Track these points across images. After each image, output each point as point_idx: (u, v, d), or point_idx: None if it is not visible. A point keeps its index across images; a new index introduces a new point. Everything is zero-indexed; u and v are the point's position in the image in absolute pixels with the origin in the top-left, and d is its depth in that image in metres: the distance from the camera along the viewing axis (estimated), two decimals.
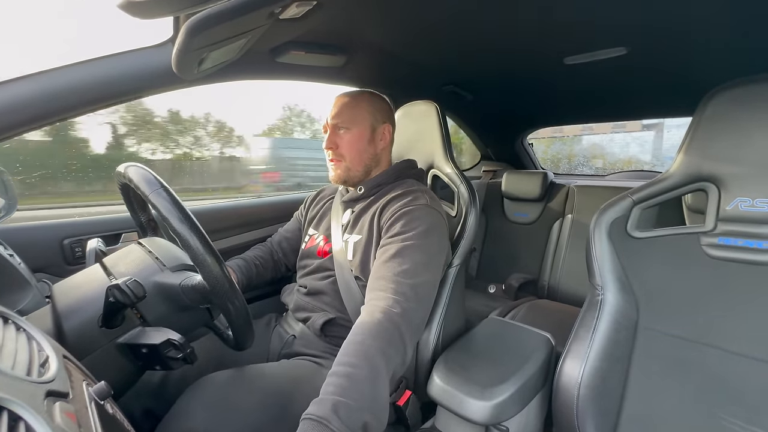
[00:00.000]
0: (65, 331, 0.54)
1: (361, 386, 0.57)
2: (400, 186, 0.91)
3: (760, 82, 0.61)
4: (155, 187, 0.58)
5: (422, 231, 0.78)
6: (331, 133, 0.91)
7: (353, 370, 0.58)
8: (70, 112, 0.81)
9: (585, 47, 1.07)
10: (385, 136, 0.94)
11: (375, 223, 0.84)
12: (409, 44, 1.12)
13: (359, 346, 0.61)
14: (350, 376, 0.57)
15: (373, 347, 0.61)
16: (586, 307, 0.75)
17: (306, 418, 0.53)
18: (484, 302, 1.67)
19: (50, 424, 0.26)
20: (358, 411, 0.54)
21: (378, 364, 0.60)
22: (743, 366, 0.61)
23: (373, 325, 0.63)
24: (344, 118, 0.90)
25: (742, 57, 1.02)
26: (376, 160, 0.94)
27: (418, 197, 0.84)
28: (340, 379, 0.57)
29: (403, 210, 0.81)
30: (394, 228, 0.79)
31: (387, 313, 0.65)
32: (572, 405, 0.69)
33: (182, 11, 0.59)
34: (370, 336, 0.62)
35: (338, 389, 0.55)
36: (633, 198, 0.73)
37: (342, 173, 0.92)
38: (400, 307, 0.67)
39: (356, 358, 0.59)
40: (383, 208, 0.85)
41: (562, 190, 1.80)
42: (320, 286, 0.89)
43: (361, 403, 0.55)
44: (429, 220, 0.80)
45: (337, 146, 0.90)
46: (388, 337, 0.63)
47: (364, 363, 0.59)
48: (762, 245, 0.62)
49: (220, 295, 0.57)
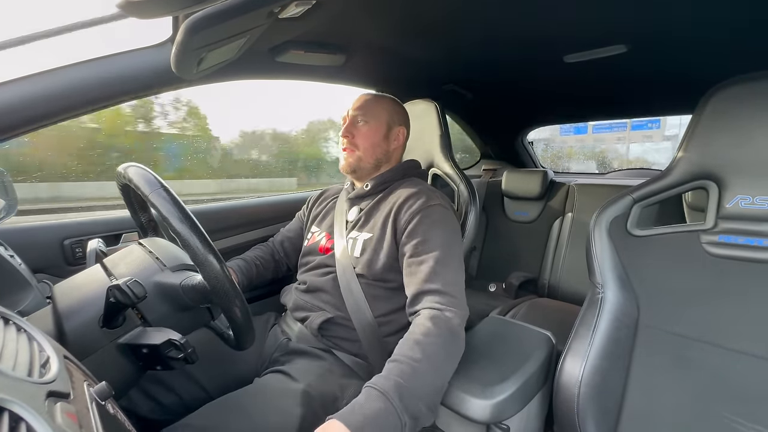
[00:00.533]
0: (66, 331, 0.54)
1: (422, 378, 0.62)
2: (408, 184, 0.92)
3: (761, 80, 0.61)
4: (155, 187, 0.58)
5: (448, 235, 0.81)
6: (349, 123, 0.95)
7: (416, 363, 0.63)
8: (70, 112, 0.81)
9: (585, 45, 1.07)
10: (398, 137, 0.98)
11: (390, 223, 0.85)
12: (409, 43, 1.12)
13: (422, 345, 0.65)
14: (413, 366, 0.62)
15: (435, 349, 0.66)
16: (586, 305, 0.75)
17: (369, 386, 0.59)
18: (485, 301, 1.67)
19: (51, 424, 0.26)
20: (415, 398, 0.59)
21: (439, 365, 0.65)
22: (744, 363, 0.61)
23: (438, 333, 0.68)
24: (365, 111, 0.95)
25: (742, 54, 1.02)
26: (387, 157, 0.97)
27: (431, 197, 0.85)
28: (403, 366, 0.62)
29: (422, 213, 0.82)
30: (417, 233, 0.80)
31: (449, 324, 0.70)
32: (573, 403, 0.69)
33: (181, 11, 0.59)
34: (435, 340, 0.67)
35: (401, 374, 0.61)
36: (633, 196, 0.73)
37: (353, 162, 0.94)
38: (459, 318, 0.72)
39: (420, 354, 0.64)
40: (399, 209, 0.85)
41: (562, 188, 1.80)
42: (320, 282, 0.90)
43: (420, 392, 0.60)
44: (448, 221, 0.84)
45: (353, 136, 0.94)
46: (448, 344, 0.68)
47: (425, 360, 0.63)
48: (762, 243, 0.61)
49: (221, 294, 0.57)
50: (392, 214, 0.85)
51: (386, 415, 0.56)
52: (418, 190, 0.87)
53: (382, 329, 0.84)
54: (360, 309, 0.83)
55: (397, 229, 0.84)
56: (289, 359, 0.85)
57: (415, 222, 0.81)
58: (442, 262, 0.77)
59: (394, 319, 0.85)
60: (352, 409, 0.56)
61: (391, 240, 0.84)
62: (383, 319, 0.84)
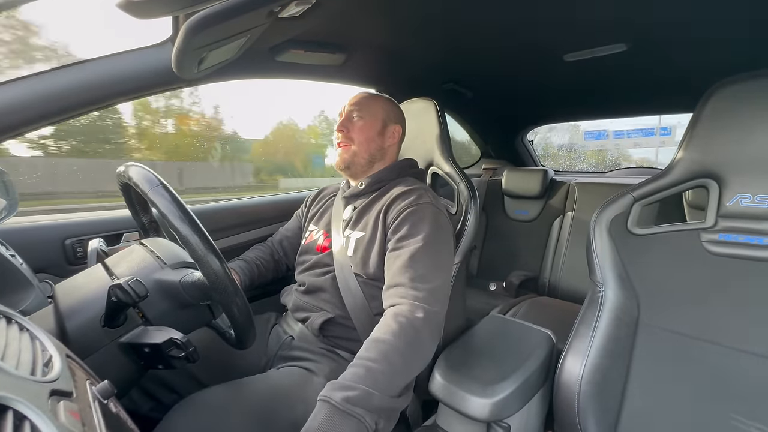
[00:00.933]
0: (68, 330, 0.54)
1: (376, 376, 0.61)
2: (401, 183, 0.91)
3: (761, 78, 0.61)
4: (154, 184, 0.58)
5: (431, 232, 0.79)
6: (345, 118, 0.95)
7: (372, 364, 0.62)
8: (70, 112, 0.81)
9: (585, 44, 1.07)
10: (394, 135, 0.98)
11: (380, 221, 0.85)
12: (409, 42, 1.12)
13: (381, 344, 0.65)
14: (368, 368, 0.61)
15: (394, 348, 0.64)
16: (586, 304, 0.75)
17: (320, 398, 0.59)
18: (485, 300, 1.67)
19: (55, 422, 0.26)
20: (367, 396, 0.58)
21: (396, 363, 0.64)
22: (744, 362, 0.62)
23: (397, 329, 0.67)
24: (361, 106, 0.95)
25: (742, 53, 1.02)
26: (381, 154, 0.96)
27: (422, 196, 0.85)
28: (358, 369, 0.61)
29: (409, 210, 0.82)
30: (401, 229, 0.80)
31: (410, 319, 0.68)
32: (573, 402, 0.69)
33: (182, 11, 0.59)
34: (393, 338, 0.65)
35: (354, 377, 0.60)
36: (633, 195, 0.74)
37: (348, 157, 0.94)
38: (423, 312, 0.69)
39: (377, 354, 0.63)
40: (388, 207, 0.85)
41: (562, 187, 1.80)
42: (319, 282, 0.89)
43: (373, 390, 0.59)
44: (436, 219, 0.82)
45: (348, 130, 0.94)
46: (410, 341, 0.66)
47: (383, 360, 0.63)
48: (762, 241, 0.62)
49: (220, 290, 0.57)
50: (382, 212, 0.85)
51: (338, 422, 0.55)
52: (409, 189, 0.87)
53: None
54: (359, 307, 0.83)
55: (386, 227, 0.84)
56: (296, 356, 0.85)
57: (401, 218, 0.81)
58: (416, 257, 0.75)
59: None
60: (307, 428, 0.55)
61: (381, 238, 0.84)
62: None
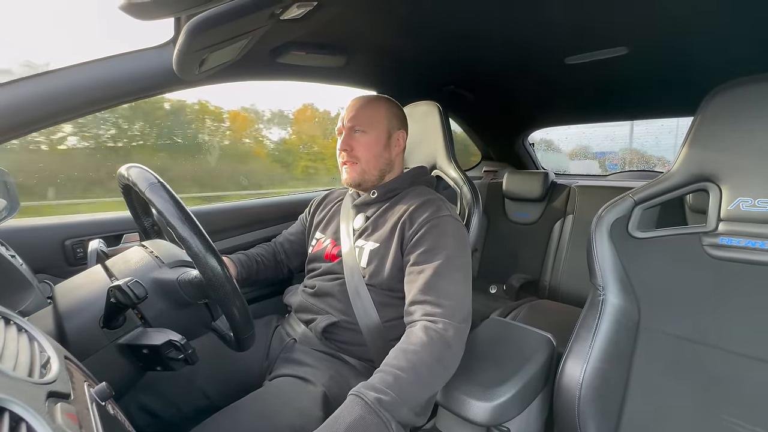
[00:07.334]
0: (67, 331, 0.54)
1: (403, 386, 0.61)
2: (415, 193, 0.90)
3: (761, 82, 0.61)
4: (152, 182, 0.58)
5: (454, 246, 0.79)
6: (346, 136, 0.90)
7: (401, 373, 0.62)
8: (71, 113, 0.81)
9: (586, 47, 1.07)
10: (399, 142, 0.94)
11: (397, 232, 0.83)
12: (410, 44, 1.12)
13: (411, 355, 0.65)
14: (396, 376, 0.61)
15: (423, 361, 0.65)
16: (587, 307, 0.75)
17: (352, 393, 0.59)
18: (485, 303, 1.67)
19: (51, 425, 0.26)
20: (396, 404, 0.59)
21: (423, 376, 0.64)
22: (744, 366, 0.61)
23: (427, 342, 0.67)
24: (361, 120, 0.90)
25: (743, 56, 1.02)
26: (390, 166, 0.94)
27: (441, 208, 0.84)
28: (386, 375, 0.62)
29: (431, 223, 0.81)
30: (423, 243, 0.79)
31: (441, 334, 0.68)
32: (573, 406, 0.69)
33: (183, 12, 0.59)
34: (423, 350, 0.66)
35: (383, 382, 0.60)
36: (634, 198, 0.73)
37: (357, 176, 0.91)
38: (453, 330, 0.70)
39: (406, 364, 0.64)
40: (407, 219, 0.83)
41: (563, 190, 1.80)
42: (328, 287, 0.89)
43: (401, 399, 0.59)
44: (456, 233, 0.82)
45: (352, 148, 0.90)
46: (439, 355, 0.67)
47: (411, 370, 0.63)
48: (763, 245, 0.61)
49: (217, 287, 0.56)
50: (399, 224, 0.83)
51: (369, 421, 0.56)
52: (427, 200, 0.85)
53: (389, 333, 0.83)
54: (368, 313, 0.83)
55: (404, 239, 0.82)
56: (296, 360, 0.84)
57: (423, 232, 0.80)
58: (441, 272, 0.75)
59: (401, 323, 0.84)
60: (336, 419, 0.56)
61: (397, 250, 0.82)
62: (391, 323, 0.83)
